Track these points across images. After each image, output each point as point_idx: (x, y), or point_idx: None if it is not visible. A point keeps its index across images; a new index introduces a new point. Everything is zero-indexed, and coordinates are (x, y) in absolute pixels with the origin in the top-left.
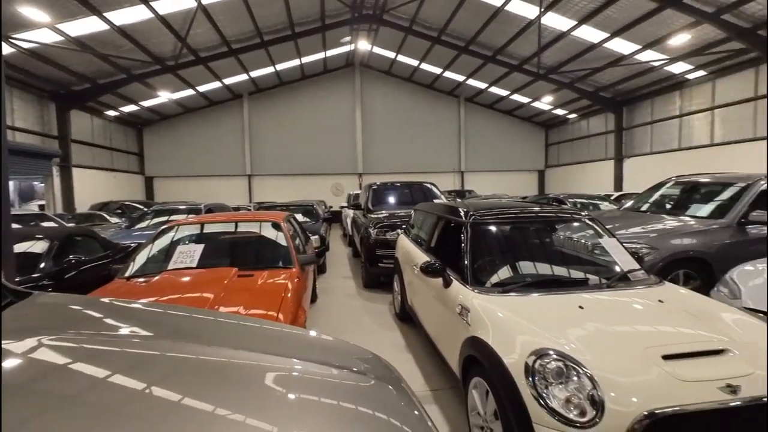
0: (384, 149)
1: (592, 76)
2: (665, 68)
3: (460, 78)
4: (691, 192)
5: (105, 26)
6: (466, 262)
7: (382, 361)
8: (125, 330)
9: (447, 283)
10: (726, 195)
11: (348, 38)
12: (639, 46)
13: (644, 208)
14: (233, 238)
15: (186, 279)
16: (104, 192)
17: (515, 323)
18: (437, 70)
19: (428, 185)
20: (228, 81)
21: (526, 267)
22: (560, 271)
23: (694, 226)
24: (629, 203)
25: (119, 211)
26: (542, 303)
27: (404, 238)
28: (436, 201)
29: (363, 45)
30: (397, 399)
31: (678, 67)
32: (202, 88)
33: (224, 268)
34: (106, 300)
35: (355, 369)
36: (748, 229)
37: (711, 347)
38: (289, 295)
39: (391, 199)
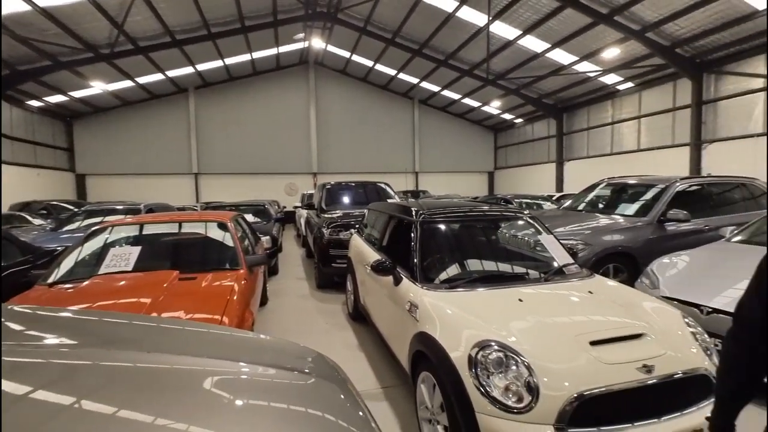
0: (339, 149)
1: (536, 84)
2: (599, 79)
3: (414, 80)
4: (620, 192)
5: (26, 6)
6: (415, 259)
7: (327, 361)
8: (51, 340)
9: (397, 281)
10: (648, 195)
11: (301, 35)
12: (576, 58)
13: (580, 207)
14: (175, 240)
15: (120, 284)
16: (26, 191)
17: (460, 317)
18: (392, 72)
19: (382, 185)
20: (172, 73)
21: (472, 263)
22: (504, 266)
23: (622, 224)
24: (568, 203)
25: (44, 211)
26: (485, 297)
27: (357, 237)
28: (389, 201)
29: (317, 43)
30: (342, 398)
31: (610, 79)
32: (142, 80)
33: (164, 271)
34: (25, 308)
35: (299, 369)
36: (667, 225)
37: (631, 332)
38: (235, 297)
39: (346, 199)
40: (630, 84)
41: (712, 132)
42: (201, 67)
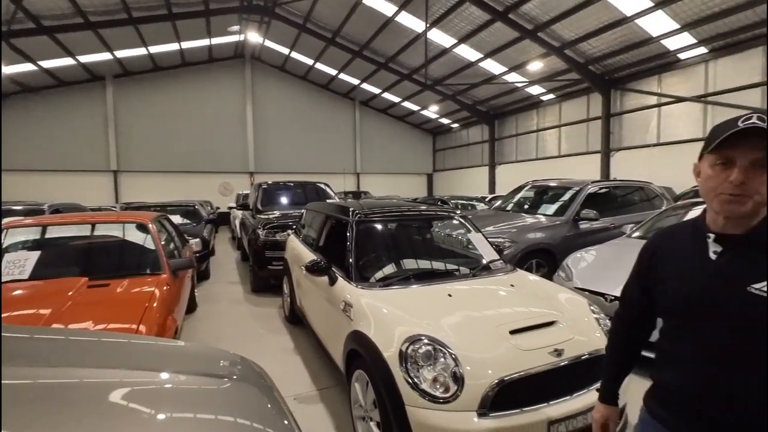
0: (278, 148)
1: (470, 91)
2: (526, 89)
3: (355, 81)
4: (542, 194)
5: None
6: (350, 259)
7: (249, 365)
8: None
9: (332, 281)
10: (566, 197)
11: (236, 27)
12: (506, 68)
13: (508, 207)
14: (87, 244)
15: (14, 293)
16: None
17: (392, 314)
18: (332, 72)
19: (322, 185)
20: (85, 59)
21: (406, 261)
22: (436, 264)
23: (543, 223)
24: (498, 204)
25: None
26: (417, 294)
27: (294, 238)
28: (328, 201)
29: (254, 37)
30: (261, 402)
31: (535, 90)
32: (47, 64)
33: (69, 278)
34: None
35: (215, 374)
36: (580, 224)
37: (545, 320)
38: (154, 304)
39: (283, 200)
40: (552, 96)
41: (618, 141)
42: (120, 53)
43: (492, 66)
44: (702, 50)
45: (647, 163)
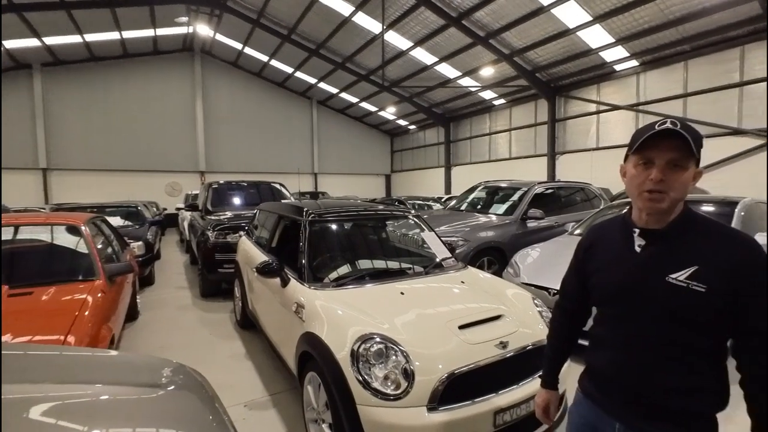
0: (230, 147)
1: (426, 94)
2: (479, 94)
3: (312, 80)
4: (493, 194)
5: None
6: (303, 260)
7: (187, 372)
8: None
9: (284, 282)
10: (515, 197)
11: (185, 19)
12: (460, 73)
13: (463, 207)
14: (7, 249)
15: None
16: None
17: (345, 314)
18: (289, 69)
19: (277, 185)
20: (8, 44)
21: (360, 261)
22: (390, 262)
23: (494, 222)
24: (452, 203)
25: None
26: (370, 293)
27: (246, 240)
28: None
29: (203, 30)
30: (201, 411)
31: (487, 94)
32: None
33: None
34: None
35: (153, 383)
36: (528, 222)
37: (492, 315)
38: (86, 312)
39: (236, 200)
40: (503, 100)
41: (562, 145)
42: (50, 40)
43: (447, 70)
44: (634, 63)
45: (588, 166)
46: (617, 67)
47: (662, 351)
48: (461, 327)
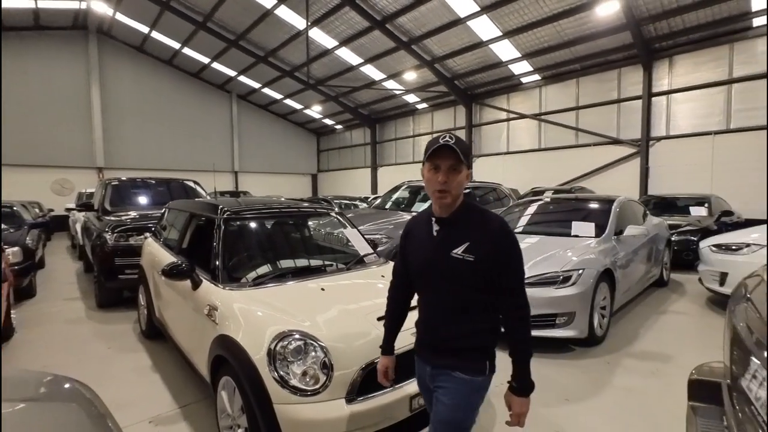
0: (136, 141)
1: (352, 94)
2: (403, 97)
3: (231, 73)
4: (416, 193)
5: None
6: (217, 260)
7: (68, 383)
8: None
9: (196, 285)
10: None
11: None
12: (385, 75)
13: (387, 206)
14: None
15: None
16: None
17: (263, 314)
18: (205, 59)
19: (191, 183)
20: None
21: (280, 259)
22: (312, 260)
23: None
24: (377, 202)
25: None
26: (291, 291)
27: (152, 241)
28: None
29: (99, 6)
30: (83, 424)
31: (411, 98)
32: None
33: None
34: None
35: (20, 397)
36: None
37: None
38: None
39: (142, 199)
40: (425, 105)
41: (479, 149)
42: None
43: (372, 72)
44: (537, 77)
45: (501, 168)
46: (523, 80)
47: (452, 308)
48: (379, 319)
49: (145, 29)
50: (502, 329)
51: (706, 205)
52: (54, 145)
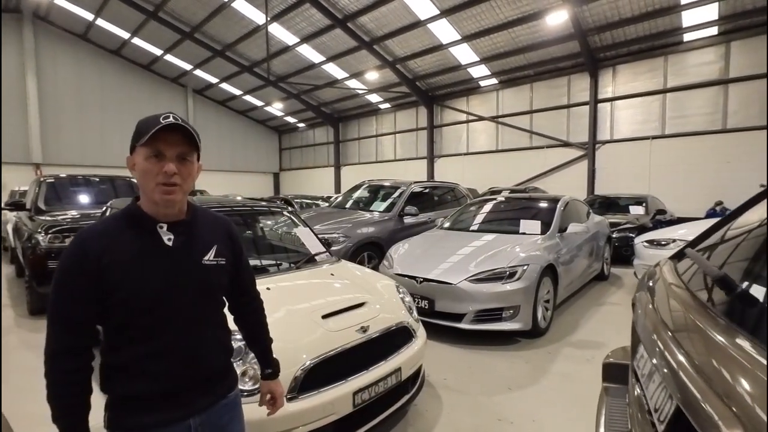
0: (78, 135)
1: (314, 92)
2: (366, 96)
3: (186, 66)
4: (376, 193)
5: None
6: None
7: None
8: None
9: None
10: (395, 195)
11: None
12: (347, 74)
13: (347, 205)
14: None
15: None
16: None
17: None
18: (157, 51)
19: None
20: None
21: None
22: (262, 259)
23: (375, 218)
24: (336, 201)
25: None
26: None
27: None
28: None
29: None
30: None
31: (374, 98)
32: None
33: None
34: None
35: None
36: (405, 219)
37: (355, 303)
38: None
39: (83, 197)
40: (388, 105)
41: (440, 149)
42: None
43: (334, 70)
44: (494, 81)
45: (460, 169)
46: (482, 83)
47: (211, 325)
48: (324, 316)
49: (89, 16)
50: (238, 326)
51: (644, 204)
52: None
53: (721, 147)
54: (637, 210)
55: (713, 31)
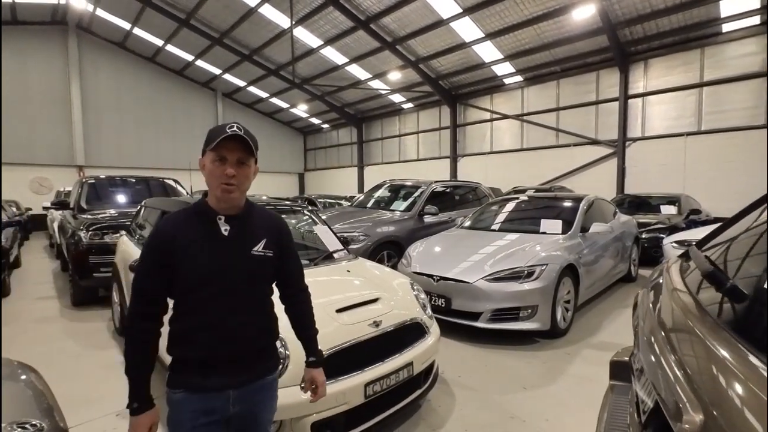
0: (117, 139)
1: (338, 93)
2: (389, 97)
3: (216, 71)
4: (397, 192)
5: None
6: None
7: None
8: None
9: None
10: (415, 194)
11: None
12: (370, 75)
13: (369, 204)
14: None
15: None
16: None
17: None
18: (189, 57)
19: (171, 182)
20: None
21: None
22: None
23: (394, 218)
24: (358, 200)
25: None
26: None
27: (127, 239)
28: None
29: (78, 2)
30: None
31: (396, 98)
32: None
33: None
34: None
35: None
36: (425, 218)
37: (369, 298)
38: None
39: (120, 197)
40: (411, 105)
41: (462, 148)
42: None
43: (357, 71)
44: (519, 78)
45: (484, 168)
46: (506, 81)
47: (250, 307)
48: (338, 310)
49: (126, 25)
50: (287, 315)
51: (676, 204)
52: (33, 142)
53: (763, 143)
54: (668, 210)
55: (755, 20)
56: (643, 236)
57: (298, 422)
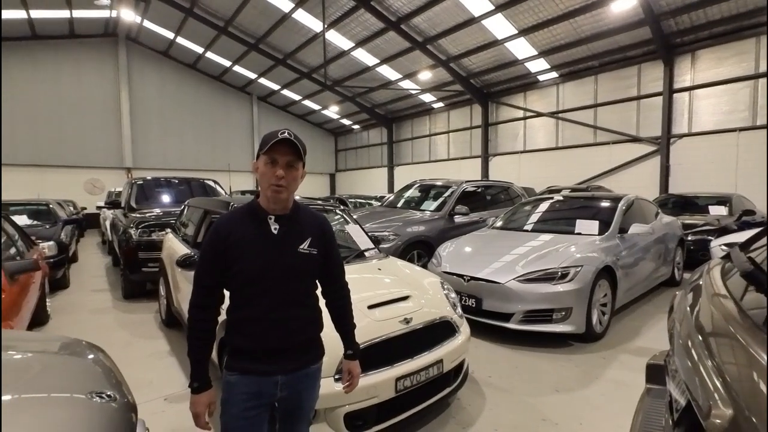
0: (161, 142)
1: (369, 94)
2: (419, 96)
3: (251, 75)
4: (427, 192)
5: None
6: None
7: (82, 343)
8: None
9: None
10: (445, 194)
11: (106, 1)
12: (400, 75)
13: (399, 204)
14: None
15: None
16: None
17: None
18: (226, 63)
19: (210, 183)
20: None
21: None
22: None
23: (425, 217)
24: (388, 200)
25: None
26: None
27: (172, 237)
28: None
29: (128, 15)
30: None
31: (427, 98)
32: None
33: None
34: None
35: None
36: (455, 218)
37: (400, 296)
38: None
39: (165, 197)
40: (441, 104)
41: (494, 147)
42: None
43: (388, 72)
44: (554, 75)
45: (516, 167)
46: (540, 78)
47: (296, 303)
48: (370, 307)
49: (170, 35)
50: (328, 309)
51: (727, 204)
52: (86, 146)
53: None
54: (718, 210)
55: None
56: (689, 238)
57: (332, 412)
